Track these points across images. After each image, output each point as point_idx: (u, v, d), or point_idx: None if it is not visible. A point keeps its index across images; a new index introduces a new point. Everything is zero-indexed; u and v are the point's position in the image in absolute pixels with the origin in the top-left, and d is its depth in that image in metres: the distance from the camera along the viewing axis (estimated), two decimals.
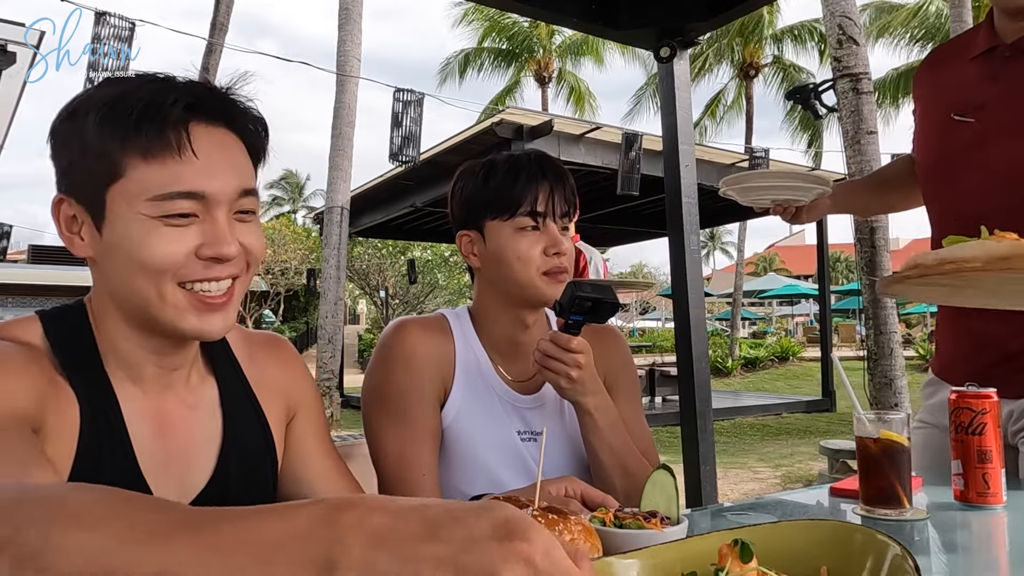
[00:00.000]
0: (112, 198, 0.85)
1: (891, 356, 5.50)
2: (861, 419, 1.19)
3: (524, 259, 1.31)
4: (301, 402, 1.13)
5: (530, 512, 0.79)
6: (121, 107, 0.84)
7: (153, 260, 0.85)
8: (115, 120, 0.84)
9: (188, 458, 0.97)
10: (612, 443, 1.30)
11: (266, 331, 1.17)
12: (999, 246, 0.95)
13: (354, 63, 11.01)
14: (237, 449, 1.02)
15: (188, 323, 0.88)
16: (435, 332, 1.36)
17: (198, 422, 0.99)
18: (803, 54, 21.96)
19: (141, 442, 0.92)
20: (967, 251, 0.97)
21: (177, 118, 0.85)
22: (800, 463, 7.84)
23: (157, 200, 0.84)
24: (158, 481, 0.92)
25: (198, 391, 1.01)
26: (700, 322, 2.65)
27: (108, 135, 0.84)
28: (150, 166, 0.84)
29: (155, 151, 0.84)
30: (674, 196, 2.66)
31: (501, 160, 1.37)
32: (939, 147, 1.62)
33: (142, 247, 0.84)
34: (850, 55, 5.66)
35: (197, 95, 0.87)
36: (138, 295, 0.87)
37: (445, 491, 1.32)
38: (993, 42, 1.54)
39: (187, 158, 0.85)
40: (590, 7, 2.44)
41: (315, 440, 1.14)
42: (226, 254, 0.87)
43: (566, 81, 25.55)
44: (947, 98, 1.60)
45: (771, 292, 27.17)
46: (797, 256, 44.59)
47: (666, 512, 0.96)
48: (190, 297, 0.88)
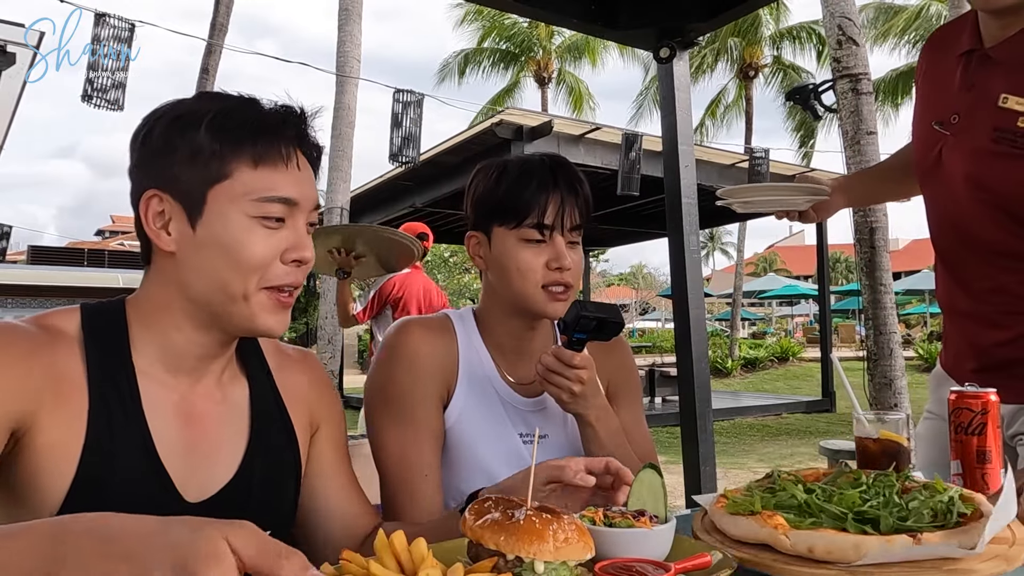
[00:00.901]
0: (214, 197, 0.95)
1: (891, 357, 5.50)
2: (861, 419, 1.20)
3: (524, 271, 1.29)
4: (325, 416, 1.18)
5: (524, 511, 0.79)
6: (237, 118, 0.96)
7: (251, 257, 0.94)
8: (231, 130, 0.95)
9: (213, 450, 1.01)
10: (613, 453, 1.30)
11: (298, 347, 1.24)
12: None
13: (354, 64, 11.01)
14: (263, 449, 1.06)
15: (262, 320, 0.97)
16: (439, 333, 1.36)
17: (225, 416, 1.04)
18: (802, 55, 21.98)
19: (162, 430, 0.96)
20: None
21: (290, 136, 0.99)
22: (800, 463, 7.84)
23: (260, 201, 0.95)
24: (179, 469, 0.97)
25: (228, 388, 1.07)
26: (700, 322, 2.65)
27: (221, 141, 0.95)
28: (258, 172, 0.96)
29: (267, 159, 0.96)
30: (674, 196, 2.66)
31: (515, 163, 1.33)
32: (920, 150, 1.60)
33: (241, 243, 0.94)
34: (850, 55, 5.66)
35: (303, 123, 1.02)
36: (223, 290, 0.95)
37: (446, 491, 1.33)
38: (973, 43, 1.48)
39: (291, 169, 0.98)
40: (590, 8, 2.45)
41: (334, 455, 1.19)
42: (308, 257, 0.98)
43: (566, 82, 25.56)
44: (932, 101, 1.57)
45: (771, 292, 27.18)
46: (797, 256, 44.59)
47: (653, 510, 0.96)
48: (270, 296, 0.97)
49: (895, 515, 0.87)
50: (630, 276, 52.97)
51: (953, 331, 1.63)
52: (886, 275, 5.56)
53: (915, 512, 0.88)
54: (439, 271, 25.14)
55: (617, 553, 0.86)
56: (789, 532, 0.87)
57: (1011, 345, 1.47)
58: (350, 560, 0.75)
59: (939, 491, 0.93)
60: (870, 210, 5.57)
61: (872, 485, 0.95)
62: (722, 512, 0.95)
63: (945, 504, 0.89)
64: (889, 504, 0.89)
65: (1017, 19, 1.40)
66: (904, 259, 34.34)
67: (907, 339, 20.54)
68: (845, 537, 0.85)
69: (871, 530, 0.86)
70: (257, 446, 1.05)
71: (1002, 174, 1.39)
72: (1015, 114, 1.35)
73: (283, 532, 1.08)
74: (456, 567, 0.72)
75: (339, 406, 1.22)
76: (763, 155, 10.88)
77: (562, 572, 0.77)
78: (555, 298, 1.30)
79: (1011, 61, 1.40)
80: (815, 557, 0.85)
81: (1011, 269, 1.44)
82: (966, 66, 1.48)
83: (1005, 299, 1.46)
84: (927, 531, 0.84)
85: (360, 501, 1.19)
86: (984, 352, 1.52)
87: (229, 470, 1.02)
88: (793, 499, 0.94)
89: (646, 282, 49.10)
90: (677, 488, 3.74)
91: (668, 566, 0.83)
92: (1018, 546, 0.87)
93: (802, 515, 0.91)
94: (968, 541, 0.83)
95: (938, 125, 1.50)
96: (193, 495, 0.97)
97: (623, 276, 54.52)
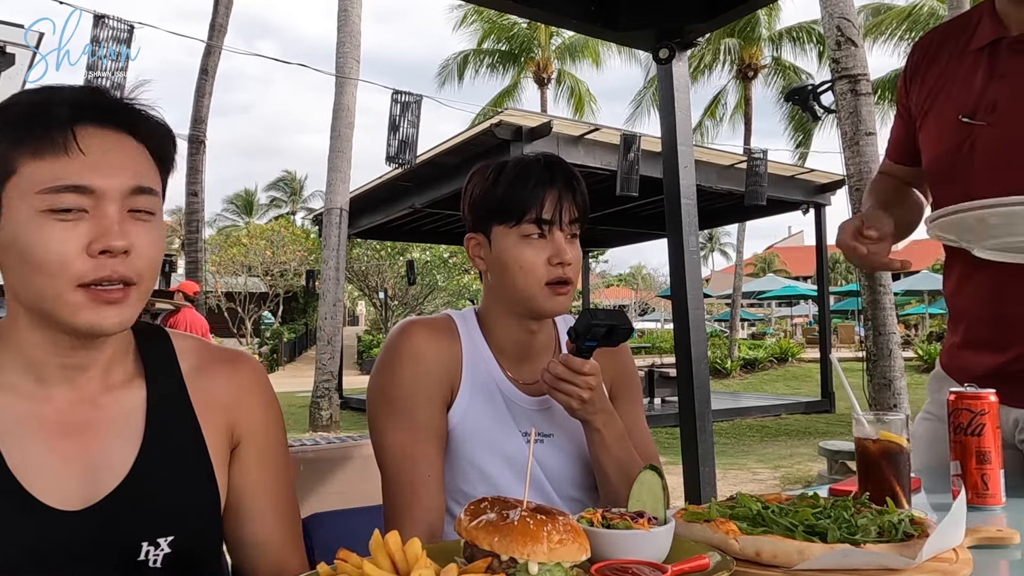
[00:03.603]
0: (8, 195, 0.89)
1: (890, 357, 5.51)
2: (860, 420, 1.19)
3: (527, 268, 1.29)
4: (248, 429, 1.08)
5: (519, 512, 0.79)
6: (13, 111, 0.91)
7: (47, 255, 0.87)
8: (6, 123, 0.90)
9: (96, 457, 0.96)
10: (619, 457, 1.31)
11: (233, 348, 1.12)
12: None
13: (353, 64, 11.02)
14: (160, 454, 0.99)
15: (83, 319, 0.90)
16: (442, 333, 1.35)
17: (111, 422, 0.98)
18: (803, 56, 21.97)
19: (20, 446, 0.92)
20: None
21: (63, 119, 0.90)
22: (799, 464, 7.84)
23: (46, 193, 0.88)
24: (47, 482, 0.92)
25: (119, 393, 1.00)
26: (699, 323, 2.65)
27: (3, 135, 0.90)
28: (40, 163, 0.88)
29: (43, 149, 0.89)
30: (673, 197, 2.66)
31: (511, 164, 1.34)
32: (943, 145, 1.53)
33: (34, 243, 0.87)
34: (849, 56, 5.67)
35: (81, 99, 0.93)
36: (39, 294, 0.89)
37: (449, 493, 1.32)
38: (998, 32, 1.45)
39: (74, 155, 0.89)
40: (589, 8, 2.44)
41: (258, 473, 1.09)
42: (114, 246, 0.88)
43: (565, 82, 25.58)
44: (953, 96, 1.52)
45: (770, 293, 27.18)
46: (796, 257, 44.60)
47: (653, 512, 0.96)
48: (86, 293, 0.89)
49: (843, 529, 0.93)
50: (629, 277, 53.03)
51: (959, 331, 1.59)
52: (885, 276, 5.56)
53: (863, 528, 0.93)
54: (438, 272, 25.14)
55: (615, 554, 0.86)
56: (739, 537, 0.93)
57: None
58: (345, 559, 0.75)
59: (890, 512, 0.97)
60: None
61: (829, 508, 0.99)
62: (680, 521, 1.00)
63: (893, 524, 0.94)
64: (839, 520, 0.94)
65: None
66: (904, 259, 34.21)
67: (906, 340, 20.56)
68: (790, 542, 0.90)
69: (818, 540, 0.91)
70: (152, 450, 0.99)
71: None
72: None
73: (200, 542, 1.02)
74: (450, 567, 0.72)
75: (269, 419, 1.12)
76: (762, 156, 10.89)
77: (556, 573, 0.77)
78: (556, 293, 1.30)
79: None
80: (762, 561, 0.91)
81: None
82: (992, 56, 1.46)
83: None
84: (870, 543, 0.89)
85: (282, 530, 1.10)
86: (987, 359, 1.48)
87: (117, 476, 0.96)
88: (748, 511, 0.99)
89: (645, 283, 49.16)
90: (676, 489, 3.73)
91: (665, 568, 0.83)
92: (960, 564, 0.89)
93: (755, 525, 0.96)
94: (909, 554, 0.87)
95: (967, 118, 1.46)
96: (73, 503, 0.93)
97: (622, 277, 54.59)
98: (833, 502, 1.02)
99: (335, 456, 1.61)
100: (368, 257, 24.13)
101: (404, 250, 23.49)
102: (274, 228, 28.83)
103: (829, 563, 0.87)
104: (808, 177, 12.42)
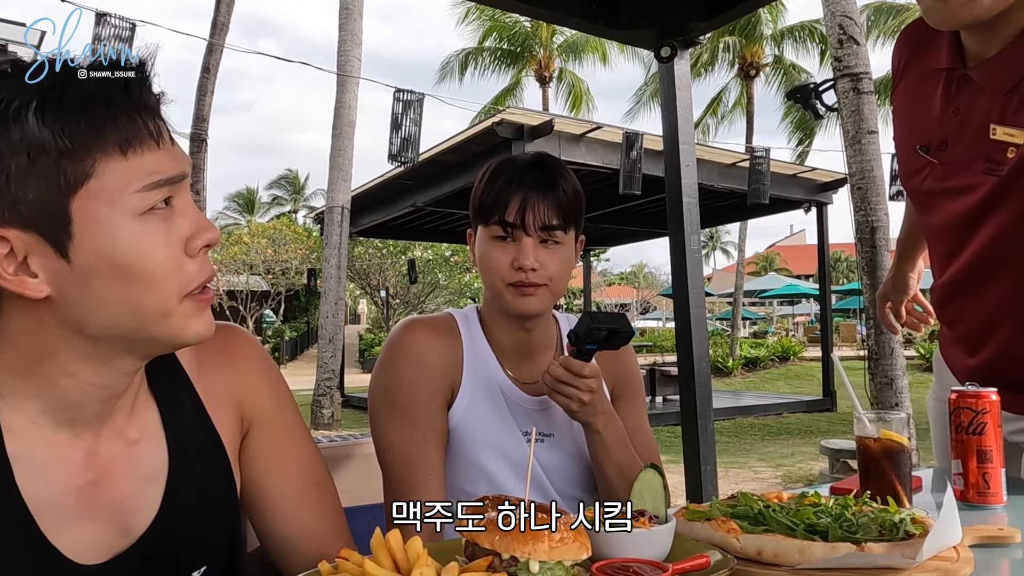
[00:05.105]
0: (80, 207, 0.73)
1: (892, 356, 5.50)
2: (861, 419, 1.19)
3: (493, 268, 1.29)
4: (256, 414, 0.98)
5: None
6: (78, 95, 0.72)
7: (160, 266, 0.76)
8: (74, 112, 0.72)
9: (124, 499, 0.85)
10: (619, 460, 1.31)
11: (223, 323, 0.97)
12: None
13: (355, 63, 11.02)
14: (188, 477, 0.89)
15: (193, 332, 0.80)
16: (443, 332, 1.36)
17: (137, 457, 0.87)
18: (805, 54, 21.94)
19: (46, 497, 0.80)
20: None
21: (153, 105, 0.77)
22: (801, 463, 7.84)
23: (144, 191, 0.75)
24: (74, 534, 0.81)
25: (141, 419, 0.88)
26: (701, 322, 2.65)
27: (68, 132, 0.71)
28: (130, 159, 0.74)
29: (137, 141, 0.75)
30: (675, 196, 2.66)
31: (499, 162, 1.35)
32: (905, 170, 1.54)
33: (140, 253, 0.75)
34: (851, 55, 5.66)
35: (144, 80, 0.78)
36: (135, 316, 0.77)
37: (450, 491, 1.32)
38: (953, 61, 1.40)
39: (165, 144, 0.78)
40: (591, 7, 2.44)
41: (270, 461, 0.98)
42: (215, 236, 0.80)
43: (567, 80, 25.55)
44: (913, 123, 1.51)
45: (772, 292, 27.17)
46: (797, 256, 44.58)
47: (653, 511, 0.96)
48: (193, 301, 0.79)
49: (844, 528, 0.93)
50: (631, 275, 52.95)
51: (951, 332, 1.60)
52: (887, 274, 5.55)
53: (864, 527, 0.93)
54: (440, 270, 25.14)
55: (616, 553, 0.86)
56: (740, 536, 0.93)
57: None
58: (347, 558, 0.75)
59: (891, 512, 0.97)
60: (871, 209, 5.57)
61: (830, 508, 1.00)
62: (681, 520, 1.00)
63: (894, 522, 0.94)
64: (840, 519, 0.95)
65: (993, 35, 1.32)
66: None
67: (908, 338, 20.52)
68: (792, 541, 0.90)
69: (819, 539, 0.91)
70: (179, 475, 0.89)
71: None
72: (1004, 145, 1.30)
73: (233, 563, 0.96)
74: (451, 566, 0.72)
75: (274, 395, 1.00)
76: (764, 154, 10.87)
77: (557, 572, 0.77)
78: (522, 293, 1.29)
79: (994, 87, 1.33)
80: (763, 560, 0.91)
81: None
82: (947, 86, 1.42)
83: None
84: (871, 543, 0.90)
85: (313, 523, 0.99)
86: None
87: (149, 514, 0.86)
88: (749, 510, 1.00)
89: (647, 281, 49.09)
90: (678, 487, 3.74)
91: (666, 566, 0.83)
92: (961, 563, 0.90)
93: (756, 524, 0.96)
94: (910, 553, 0.87)
95: (923, 151, 1.45)
96: (101, 555, 0.83)
97: (624, 275, 54.51)
98: (835, 501, 1.02)
99: (336, 455, 1.61)
100: (370, 256, 24.12)
101: (406, 249, 23.48)
102: (276, 226, 28.80)
103: (832, 564, 0.87)
104: (810, 176, 12.41)
